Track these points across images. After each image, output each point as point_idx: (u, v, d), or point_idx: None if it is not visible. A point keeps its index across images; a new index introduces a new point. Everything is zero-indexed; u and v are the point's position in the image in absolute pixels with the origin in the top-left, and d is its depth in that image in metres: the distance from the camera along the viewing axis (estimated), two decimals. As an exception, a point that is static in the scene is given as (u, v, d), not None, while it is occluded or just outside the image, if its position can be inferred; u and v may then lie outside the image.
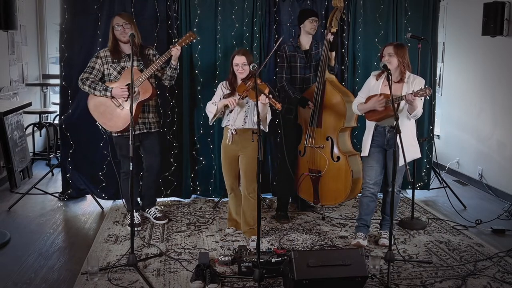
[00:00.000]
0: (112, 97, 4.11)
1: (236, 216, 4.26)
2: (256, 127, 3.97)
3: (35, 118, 6.82)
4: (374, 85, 3.93)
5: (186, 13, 4.89)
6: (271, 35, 5.04)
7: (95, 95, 4.16)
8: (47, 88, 7.50)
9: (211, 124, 4.20)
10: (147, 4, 4.82)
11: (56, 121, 6.40)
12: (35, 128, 6.76)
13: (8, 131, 5.48)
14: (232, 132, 4.00)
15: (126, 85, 4.08)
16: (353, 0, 5.06)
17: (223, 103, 3.98)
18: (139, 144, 4.34)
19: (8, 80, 6.05)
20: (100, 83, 4.18)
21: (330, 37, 4.29)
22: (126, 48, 4.21)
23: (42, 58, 7.47)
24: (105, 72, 4.23)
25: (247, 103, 4.01)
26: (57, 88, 6.90)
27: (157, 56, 4.29)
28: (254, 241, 3.94)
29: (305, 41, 4.51)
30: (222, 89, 4.12)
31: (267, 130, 4.06)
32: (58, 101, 5.34)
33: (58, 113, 5.55)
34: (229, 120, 4.05)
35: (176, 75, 4.35)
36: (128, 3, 4.79)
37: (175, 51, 4.12)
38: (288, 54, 4.46)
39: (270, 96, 3.76)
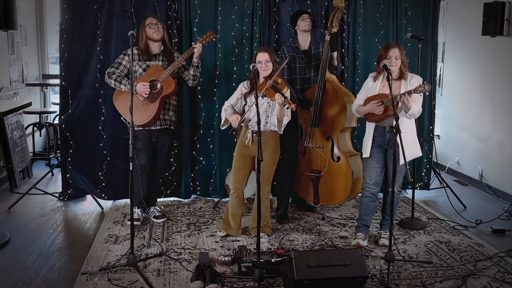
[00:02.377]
0: (136, 92, 4.19)
1: (231, 220, 4.17)
2: (276, 129, 3.98)
3: (35, 118, 6.82)
4: (372, 86, 3.95)
5: (186, 13, 4.89)
6: (271, 35, 5.04)
7: (120, 88, 4.27)
8: (47, 88, 7.50)
9: (223, 129, 4.17)
10: (147, 4, 4.82)
11: (56, 121, 6.39)
12: (35, 128, 6.76)
13: (8, 131, 5.48)
14: (252, 133, 3.99)
15: (149, 82, 4.19)
16: (353, 0, 5.06)
17: (228, 117, 4.01)
18: (155, 141, 4.43)
19: (8, 80, 6.05)
20: (126, 78, 4.29)
21: (327, 37, 4.30)
22: (155, 48, 4.34)
23: (42, 58, 7.47)
24: (131, 69, 4.29)
25: (268, 102, 3.99)
26: (57, 88, 6.89)
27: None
28: (264, 237, 4.06)
29: (303, 41, 4.52)
30: (241, 88, 4.13)
31: (282, 132, 4.03)
32: (58, 101, 5.34)
33: (58, 113, 5.55)
34: (249, 120, 4.04)
35: (199, 74, 4.44)
36: (128, 3, 4.79)
37: (197, 48, 4.23)
38: (288, 55, 4.47)
39: (287, 96, 3.80)
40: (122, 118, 4.39)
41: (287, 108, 3.80)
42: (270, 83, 3.83)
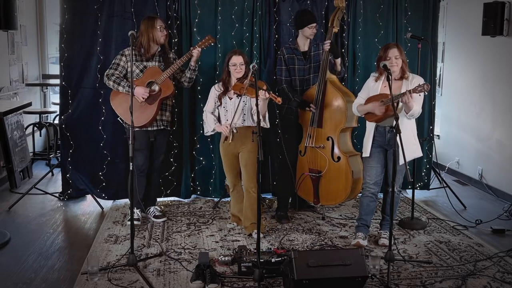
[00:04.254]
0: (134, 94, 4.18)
1: (237, 213, 4.34)
2: (255, 124, 4.02)
3: (35, 118, 6.82)
4: (373, 86, 3.95)
5: (186, 13, 4.89)
6: (271, 35, 5.04)
7: (119, 90, 4.26)
8: (47, 88, 7.50)
9: (208, 135, 4.33)
10: (147, 4, 4.82)
11: (56, 121, 6.40)
12: (35, 128, 6.76)
13: (8, 131, 5.48)
14: (232, 131, 4.07)
15: (147, 84, 4.21)
16: (353, 0, 5.06)
17: (218, 129, 4.14)
18: (153, 140, 4.45)
19: (8, 80, 6.05)
20: (124, 79, 4.28)
21: (327, 47, 4.29)
22: (154, 49, 4.36)
23: (42, 58, 7.47)
24: (128, 69, 4.32)
25: (243, 101, 4.07)
26: (57, 88, 6.90)
27: (177, 59, 4.41)
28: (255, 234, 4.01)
29: (303, 42, 4.51)
30: (214, 92, 4.22)
31: (269, 125, 4.10)
32: (58, 101, 5.34)
33: (58, 113, 5.55)
34: (227, 120, 4.11)
35: (194, 77, 4.47)
36: (128, 3, 4.79)
37: (196, 52, 4.26)
38: (286, 56, 4.47)
39: (270, 91, 3.87)
40: (118, 118, 4.40)
41: (276, 104, 3.90)
42: (248, 83, 3.91)
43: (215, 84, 4.32)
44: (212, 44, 4.43)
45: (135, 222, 4.32)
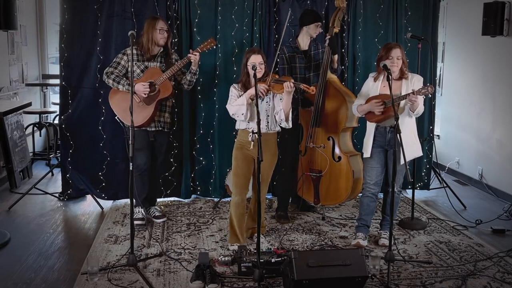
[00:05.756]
0: (134, 92, 4.15)
1: (239, 232, 3.91)
2: (278, 128, 3.95)
3: (35, 118, 6.82)
4: (372, 86, 3.95)
5: (186, 13, 4.89)
6: (271, 35, 5.04)
7: (118, 88, 4.26)
8: (47, 88, 7.50)
9: (245, 120, 3.84)
10: (147, 4, 4.82)
11: (56, 121, 6.40)
12: (35, 128, 6.76)
13: (8, 131, 5.48)
14: (252, 133, 3.78)
15: (148, 83, 4.20)
16: (353, 0, 5.06)
17: (251, 94, 3.76)
18: (153, 140, 4.45)
19: (8, 80, 6.05)
20: (124, 78, 4.29)
21: (327, 40, 4.30)
22: (156, 50, 4.36)
23: (42, 58, 7.48)
24: (129, 69, 4.31)
25: (266, 102, 3.91)
26: (57, 88, 6.89)
27: (178, 60, 4.40)
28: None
29: (304, 41, 4.51)
30: (235, 91, 3.98)
31: (291, 126, 3.91)
32: (58, 101, 5.34)
33: (58, 113, 5.55)
34: (248, 123, 3.88)
35: (194, 80, 4.45)
36: (128, 3, 4.79)
37: (193, 57, 4.24)
38: (288, 55, 4.47)
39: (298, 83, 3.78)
40: (116, 117, 4.40)
41: (306, 93, 3.77)
42: (272, 80, 3.82)
43: (234, 84, 4.04)
44: (214, 47, 4.40)
45: (140, 222, 4.35)
